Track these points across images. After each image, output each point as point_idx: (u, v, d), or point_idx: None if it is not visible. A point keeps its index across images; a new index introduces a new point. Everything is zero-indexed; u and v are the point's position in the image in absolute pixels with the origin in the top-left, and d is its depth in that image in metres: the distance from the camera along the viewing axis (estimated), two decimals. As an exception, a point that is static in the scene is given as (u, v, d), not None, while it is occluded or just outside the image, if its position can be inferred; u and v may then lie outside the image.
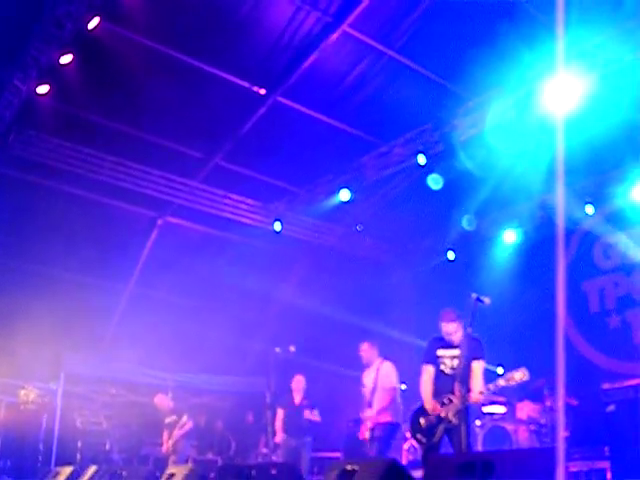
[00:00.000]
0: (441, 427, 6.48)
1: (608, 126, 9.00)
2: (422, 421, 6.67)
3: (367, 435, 8.61)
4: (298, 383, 10.64)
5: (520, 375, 6.32)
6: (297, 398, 10.57)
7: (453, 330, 6.83)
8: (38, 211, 11.06)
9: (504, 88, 9.38)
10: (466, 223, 12.30)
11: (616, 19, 8.11)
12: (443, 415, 6.45)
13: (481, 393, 6.46)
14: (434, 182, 10.87)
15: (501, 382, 6.40)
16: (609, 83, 8.55)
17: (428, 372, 6.90)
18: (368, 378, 9.00)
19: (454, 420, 6.32)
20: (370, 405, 8.73)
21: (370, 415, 8.67)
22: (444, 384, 6.61)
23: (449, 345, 6.83)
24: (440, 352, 6.87)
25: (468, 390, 6.47)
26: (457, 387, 6.36)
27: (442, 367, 6.80)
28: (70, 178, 11.11)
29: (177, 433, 10.93)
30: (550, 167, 9.49)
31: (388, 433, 8.61)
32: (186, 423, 11.05)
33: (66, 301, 11.84)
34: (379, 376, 8.84)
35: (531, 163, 10.07)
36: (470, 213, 12.08)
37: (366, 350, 9.14)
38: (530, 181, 10.57)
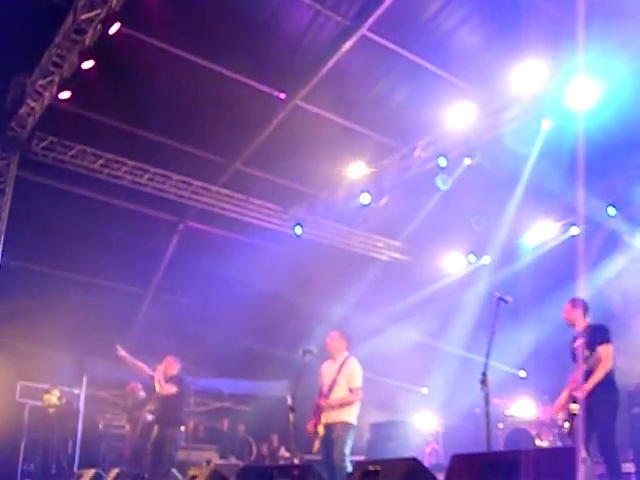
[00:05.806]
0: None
1: (628, 126, 8.94)
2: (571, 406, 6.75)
3: (321, 431, 7.55)
4: None
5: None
6: None
7: (568, 315, 6.97)
8: (61, 217, 11.14)
9: (522, 89, 9.34)
10: (475, 224, 12.20)
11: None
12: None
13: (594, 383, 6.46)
14: (442, 182, 10.77)
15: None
16: (630, 83, 8.49)
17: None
18: (329, 370, 7.85)
19: (577, 412, 6.44)
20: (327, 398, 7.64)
21: (327, 409, 7.58)
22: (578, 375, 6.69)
23: (576, 336, 6.90)
24: (574, 344, 6.93)
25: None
26: (578, 379, 6.48)
27: (576, 359, 6.85)
28: (91, 183, 11.24)
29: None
30: (571, 168, 9.49)
31: (346, 433, 7.46)
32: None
33: (87, 306, 11.91)
34: (343, 371, 7.66)
35: (551, 164, 10.02)
36: (479, 214, 11.97)
37: (335, 339, 7.90)
38: (550, 182, 10.50)
